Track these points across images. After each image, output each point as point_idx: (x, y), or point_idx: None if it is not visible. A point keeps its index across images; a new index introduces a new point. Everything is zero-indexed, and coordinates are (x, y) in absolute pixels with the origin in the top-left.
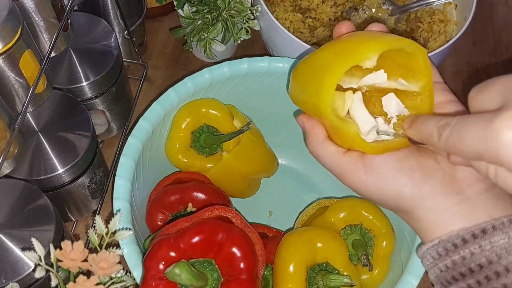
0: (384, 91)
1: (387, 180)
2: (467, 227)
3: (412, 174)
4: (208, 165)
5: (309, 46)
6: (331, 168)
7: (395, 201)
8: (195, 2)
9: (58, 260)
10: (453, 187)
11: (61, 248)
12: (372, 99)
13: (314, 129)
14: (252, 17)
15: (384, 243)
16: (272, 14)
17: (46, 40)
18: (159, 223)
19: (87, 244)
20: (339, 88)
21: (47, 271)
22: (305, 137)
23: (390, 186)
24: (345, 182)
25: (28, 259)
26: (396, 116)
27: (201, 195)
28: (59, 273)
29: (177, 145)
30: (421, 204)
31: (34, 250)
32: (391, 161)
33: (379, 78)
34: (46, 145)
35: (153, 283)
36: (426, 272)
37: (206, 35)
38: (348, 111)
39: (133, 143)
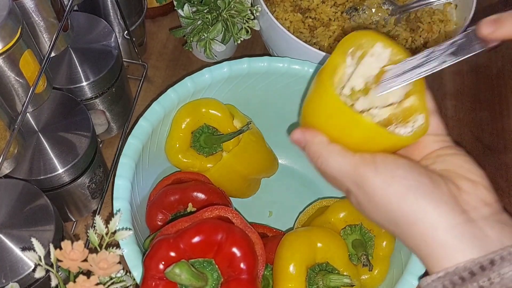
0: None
1: (395, 178)
2: (474, 259)
3: (419, 178)
4: (208, 165)
5: (309, 46)
6: (344, 177)
7: (399, 205)
8: (195, 2)
9: (58, 260)
10: (458, 204)
11: (61, 248)
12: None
13: (316, 136)
14: (252, 17)
15: (384, 243)
16: (272, 14)
17: (46, 40)
18: (159, 223)
19: (87, 244)
20: None
21: (47, 271)
22: (307, 153)
23: (396, 186)
24: (364, 188)
25: (28, 259)
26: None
27: (201, 195)
28: (59, 273)
29: (177, 145)
30: (425, 216)
31: (34, 250)
32: (402, 163)
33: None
34: (46, 145)
35: (153, 283)
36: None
37: (206, 35)
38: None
39: (133, 143)
